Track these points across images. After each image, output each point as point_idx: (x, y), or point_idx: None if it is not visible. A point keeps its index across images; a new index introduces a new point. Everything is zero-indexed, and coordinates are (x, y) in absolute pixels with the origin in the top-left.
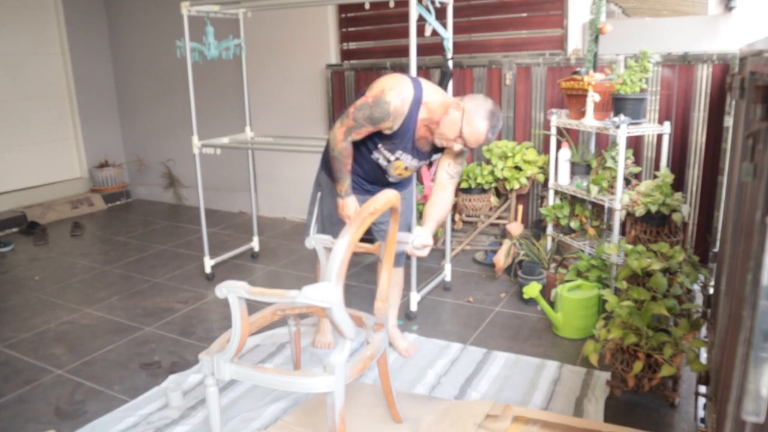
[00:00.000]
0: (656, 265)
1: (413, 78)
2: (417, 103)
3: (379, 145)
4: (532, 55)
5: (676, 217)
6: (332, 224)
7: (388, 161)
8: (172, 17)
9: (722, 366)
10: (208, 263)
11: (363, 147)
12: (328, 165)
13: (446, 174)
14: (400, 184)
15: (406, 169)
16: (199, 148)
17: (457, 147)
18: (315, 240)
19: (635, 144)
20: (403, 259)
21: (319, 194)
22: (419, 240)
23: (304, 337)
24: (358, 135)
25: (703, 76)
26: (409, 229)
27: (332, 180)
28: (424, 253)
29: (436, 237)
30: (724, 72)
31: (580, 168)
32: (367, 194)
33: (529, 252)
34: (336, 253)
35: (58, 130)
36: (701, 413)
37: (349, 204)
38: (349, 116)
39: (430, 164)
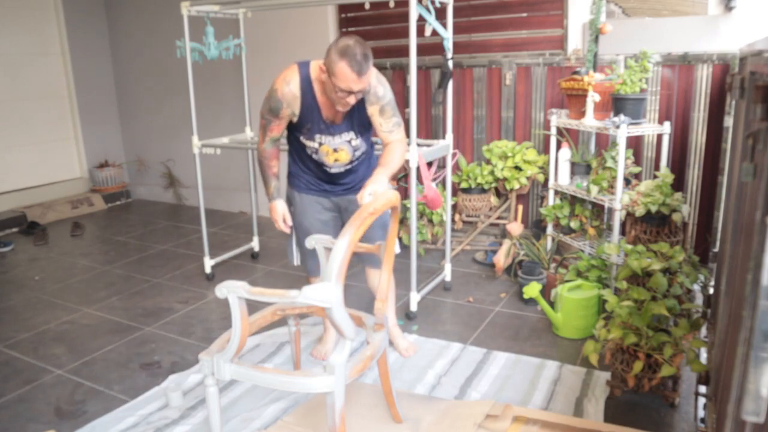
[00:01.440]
0: (656, 265)
1: (301, 62)
2: (306, 81)
3: (300, 138)
4: (532, 55)
5: (676, 217)
6: (304, 235)
7: (316, 151)
8: (172, 17)
9: (722, 366)
10: (208, 263)
11: (296, 146)
12: (290, 178)
13: (383, 132)
14: (354, 177)
15: (335, 151)
16: (199, 148)
17: (351, 100)
18: (315, 240)
19: (635, 144)
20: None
21: (291, 209)
22: (363, 196)
23: (304, 337)
24: (273, 132)
25: (703, 76)
26: (384, 229)
27: (264, 185)
28: (368, 199)
29: (435, 237)
30: (724, 72)
31: (580, 168)
32: (327, 194)
33: (529, 252)
34: (336, 253)
35: (58, 130)
36: (701, 413)
37: (276, 207)
38: (261, 118)
39: (430, 164)
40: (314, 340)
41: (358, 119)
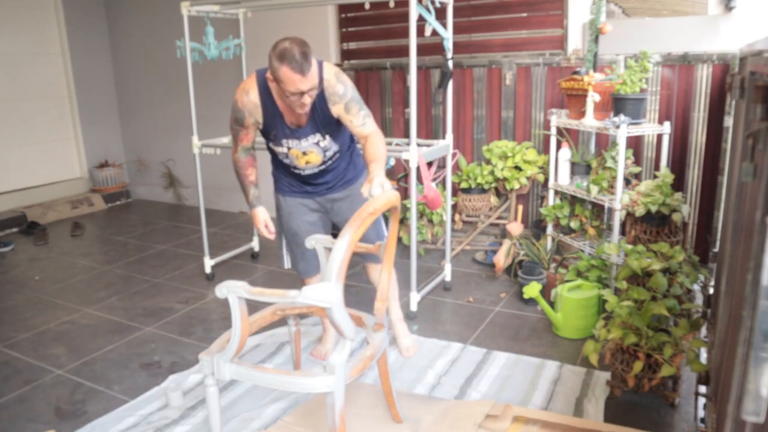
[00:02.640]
0: (656, 265)
1: (260, 70)
2: (264, 88)
3: (270, 144)
4: (532, 55)
5: (676, 217)
6: (293, 238)
7: (286, 155)
8: (172, 17)
9: (722, 366)
10: (208, 263)
11: (272, 154)
12: (275, 182)
13: (356, 128)
14: (334, 174)
15: (304, 154)
16: (199, 148)
17: (306, 100)
18: (315, 240)
19: (635, 144)
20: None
21: (279, 213)
22: (373, 189)
23: (304, 337)
24: (242, 141)
25: (703, 76)
26: (375, 230)
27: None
28: (378, 191)
29: (435, 237)
30: (724, 72)
31: (580, 168)
32: (311, 195)
33: (529, 252)
34: (336, 253)
35: (58, 130)
36: (701, 413)
37: (257, 215)
38: (230, 129)
39: (430, 164)
40: (314, 340)
41: (322, 120)
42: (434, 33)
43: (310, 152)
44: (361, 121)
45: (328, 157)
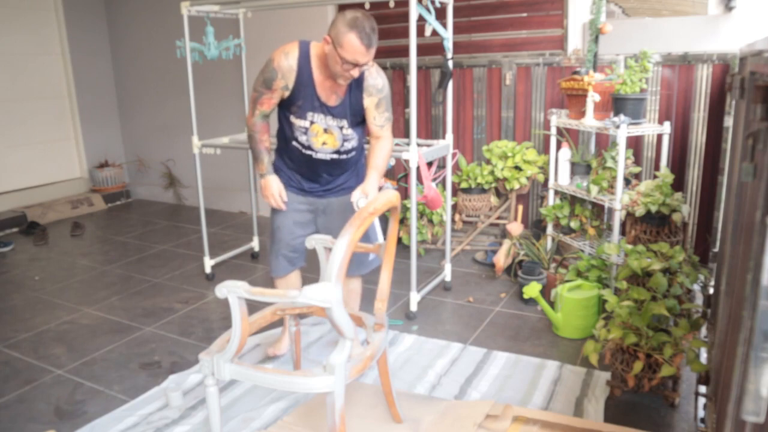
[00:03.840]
0: (656, 265)
1: (302, 41)
2: (305, 57)
3: (290, 117)
4: (532, 55)
5: (676, 217)
6: (274, 230)
7: (306, 132)
8: (172, 17)
9: (722, 366)
10: (208, 263)
11: (285, 133)
12: (275, 171)
13: (375, 126)
14: (337, 180)
15: (325, 131)
16: (199, 148)
17: (355, 73)
18: (315, 240)
19: (635, 144)
20: (365, 268)
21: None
22: (360, 201)
23: (304, 337)
24: (263, 105)
25: (703, 76)
26: (370, 240)
27: (255, 162)
28: (363, 202)
29: (435, 237)
30: (724, 72)
31: (580, 168)
32: (306, 194)
33: (529, 252)
34: (336, 253)
35: (58, 130)
36: (701, 413)
37: (270, 183)
38: (252, 92)
39: (430, 164)
40: (314, 340)
41: (352, 107)
42: (434, 33)
43: (330, 132)
44: (382, 122)
45: (344, 148)
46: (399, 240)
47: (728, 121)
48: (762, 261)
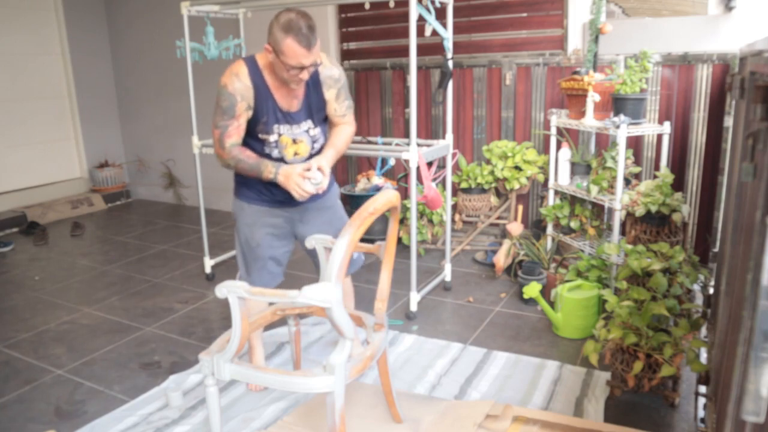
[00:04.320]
0: (656, 265)
1: (245, 57)
2: (255, 71)
3: (258, 135)
4: (532, 55)
5: (676, 217)
6: (252, 249)
7: (276, 144)
8: (172, 17)
9: (722, 366)
10: (208, 263)
11: (255, 149)
12: (239, 187)
13: (337, 117)
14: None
15: (294, 142)
16: (199, 148)
17: (305, 75)
18: (315, 240)
19: (635, 144)
20: (351, 267)
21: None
22: (315, 166)
23: (304, 337)
24: (231, 137)
25: (703, 76)
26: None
27: (259, 175)
28: (313, 175)
29: (435, 237)
30: (724, 72)
31: (580, 168)
32: (281, 205)
33: (529, 252)
34: (336, 253)
35: (58, 130)
36: (701, 413)
37: (287, 171)
38: (213, 130)
39: (430, 164)
40: (314, 340)
41: (315, 104)
42: (434, 33)
43: (300, 141)
44: (343, 111)
45: (315, 149)
46: (399, 240)
47: (728, 121)
48: (762, 261)
